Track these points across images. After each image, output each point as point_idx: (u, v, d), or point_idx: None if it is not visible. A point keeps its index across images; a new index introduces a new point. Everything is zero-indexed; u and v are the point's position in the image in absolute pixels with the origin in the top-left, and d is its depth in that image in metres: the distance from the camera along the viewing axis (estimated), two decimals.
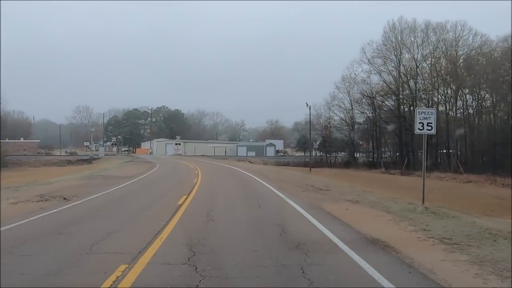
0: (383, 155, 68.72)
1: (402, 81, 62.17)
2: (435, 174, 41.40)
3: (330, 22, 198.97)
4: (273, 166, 54.69)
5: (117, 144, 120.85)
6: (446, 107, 58.60)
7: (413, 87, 61.13)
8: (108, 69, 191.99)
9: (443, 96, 59.01)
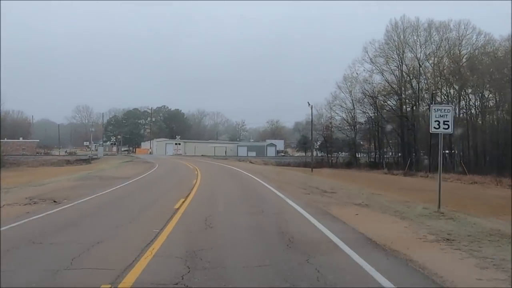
0: (385, 156, 67.85)
1: (405, 81, 61.34)
2: None
3: (331, 23, 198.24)
4: (274, 167, 53.72)
5: (117, 144, 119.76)
6: None
7: (416, 87, 60.28)
8: (108, 69, 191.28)
9: (446, 96, 58.07)
